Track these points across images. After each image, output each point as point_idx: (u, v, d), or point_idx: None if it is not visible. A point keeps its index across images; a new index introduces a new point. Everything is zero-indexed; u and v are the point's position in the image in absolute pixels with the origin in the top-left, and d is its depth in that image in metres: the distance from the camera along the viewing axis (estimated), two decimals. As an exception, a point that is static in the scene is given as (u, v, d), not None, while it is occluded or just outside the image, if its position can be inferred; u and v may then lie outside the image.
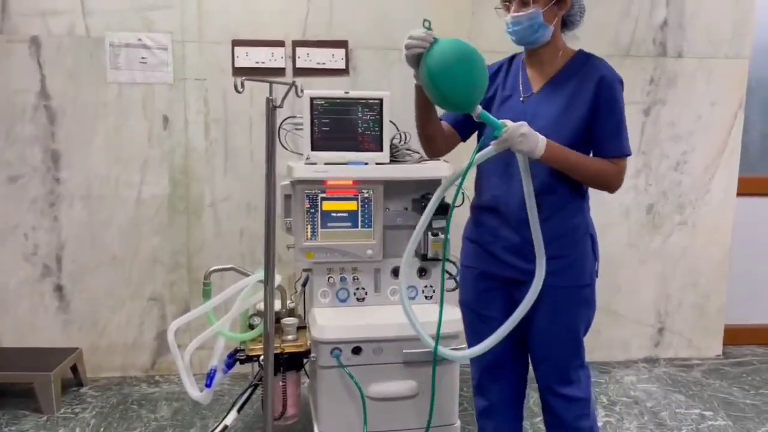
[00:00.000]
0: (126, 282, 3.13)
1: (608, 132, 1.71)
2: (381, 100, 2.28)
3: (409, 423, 2.14)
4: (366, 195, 2.25)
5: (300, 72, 3.06)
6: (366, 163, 2.26)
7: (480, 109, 1.58)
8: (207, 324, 2.25)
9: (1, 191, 3.01)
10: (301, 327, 2.36)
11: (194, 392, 2.27)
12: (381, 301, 2.32)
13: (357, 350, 2.12)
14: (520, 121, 1.59)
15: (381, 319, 2.17)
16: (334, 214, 2.25)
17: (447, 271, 2.25)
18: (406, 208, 2.30)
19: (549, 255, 1.70)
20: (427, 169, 2.27)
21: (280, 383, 2.22)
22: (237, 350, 2.28)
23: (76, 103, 3.00)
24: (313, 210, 2.24)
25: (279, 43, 3.05)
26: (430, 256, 2.22)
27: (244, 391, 2.41)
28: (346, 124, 2.27)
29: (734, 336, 3.67)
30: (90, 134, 3.02)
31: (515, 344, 1.88)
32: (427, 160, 2.38)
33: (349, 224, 2.26)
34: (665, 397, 3.04)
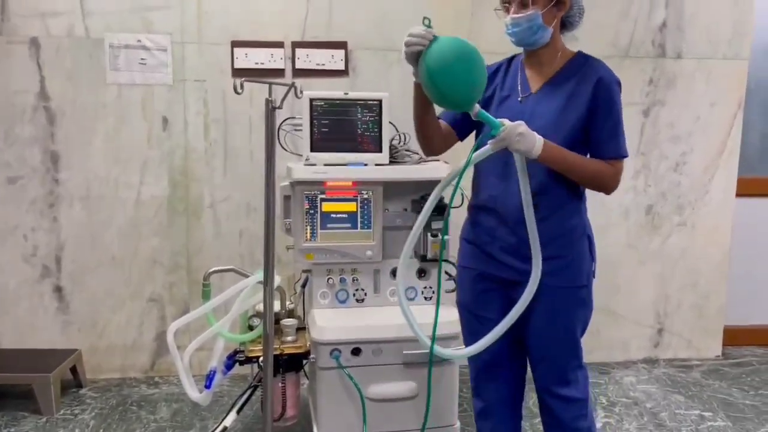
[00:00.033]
0: (125, 283, 3.13)
1: (605, 133, 1.72)
2: (380, 101, 2.29)
3: (409, 424, 2.14)
4: (365, 196, 2.26)
5: (299, 73, 3.06)
6: (365, 164, 2.26)
7: (478, 107, 1.58)
8: (206, 325, 2.24)
9: (0, 192, 3.01)
10: (301, 328, 2.36)
11: (194, 393, 2.27)
12: (380, 302, 2.32)
13: (356, 351, 2.12)
14: (518, 121, 1.60)
15: (380, 320, 2.17)
16: (333, 215, 2.25)
17: (446, 272, 2.26)
18: (406, 209, 2.31)
19: (546, 255, 1.70)
20: (426, 170, 2.27)
21: (280, 384, 2.22)
22: (236, 351, 2.28)
23: (76, 104, 3.00)
24: (312, 211, 2.24)
25: (278, 44, 3.05)
26: (429, 257, 2.22)
27: (244, 392, 2.41)
28: (346, 125, 2.27)
29: (734, 337, 3.67)
30: (89, 135, 3.02)
31: (511, 344, 1.89)
32: (426, 161, 2.39)
33: (349, 225, 2.26)
34: (665, 397, 3.04)
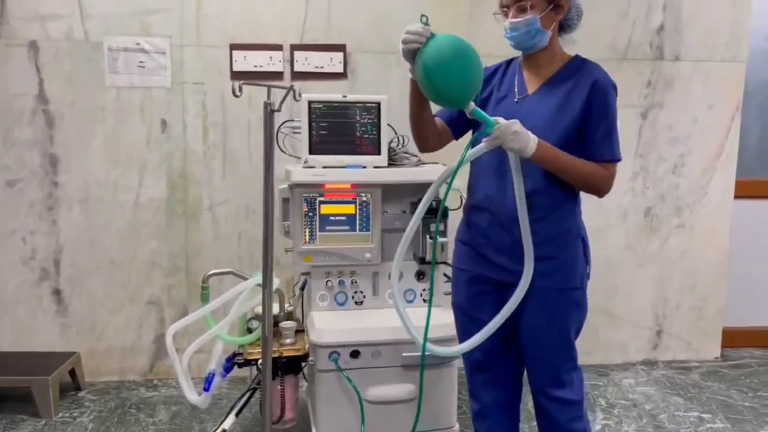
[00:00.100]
0: (124, 286, 3.12)
1: (599, 136, 1.72)
2: (379, 104, 2.30)
3: (408, 426, 2.13)
4: (364, 198, 2.26)
5: (298, 76, 3.06)
6: (364, 167, 2.26)
7: (473, 105, 1.58)
8: (205, 327, 2.24)
9: (-1, 195, 3.02)
10: (300, 330, 2.36)
11: (192, 396, 2.27)
12: (379, 305, 2.32)
13: (355, 354, 2.12)
14: (513, 119, 1.60)
15: (379, 323, 2.17)
16: (332, 218, 2.25)
17: (446, 275, 2.26)
18: (404, 212, 2.31)
19: (540, 256, 1.70)
20: (425, 173, 2.27)
21: (279, 387, 2.22)
22: (235, 354, 2.28)
23: (75, 107, 3.00)
24: (311, 213, 2.24)
25: (277, 47, 3.06)
26: (428, 259, 2.22)
27: (243, 395, 2.41)
28: (344, 128, 2.28)
29: (732, 338, 3.67)
30: (88, 138, 3.02)
31: (503, 343, 1.89)
32: (425, 163, 2.39)
33: (347, 228, 2.26)
34: (664, 399, 3.04)
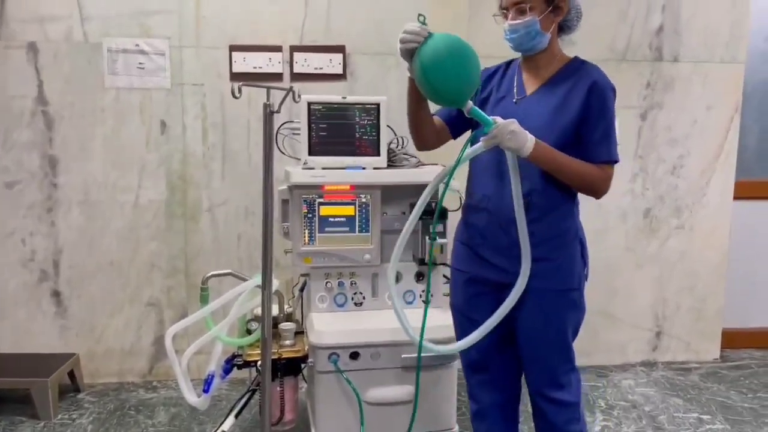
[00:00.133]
0: (123, 287, 3.12)
1: (597, 137, 1.72)
2: (378, 105, 2.30)
3: (407, 428, 2.14)
4: (363, 200, 2.26)
5: (297, 77, 3.06)
6: (363, 168, 2.27)
7: (471, 104, 1.58)
8: (205, 329, 2.24)
9: (-2, 197, 3.01)
10: (299, 332, 2.36)
11: (192, 398, 2.27)
12: (378, 306, 2.32)
13: (355, 355, 2.12)
14: (510, 118, 1.60)
15: (379, 324, 2.17)
16: (331, 219, 2.25)
17: (446, 276, 2.26)
18: (404, 213, 2.31)
19: (537, 257, 1.70)
20: (424, 174, 2.27)
21: (278, 388, 2.22)
22: (235, 355, 2.28)
23: (74, 109, 3.00)
24: (310, 215, 2.24)
25: (276, 48, 3.06)
26: (427, 260, 2.22)
27: (242, 397, 2.41)
28: (344, 129, 2.28)
29: (732, 339, 3.67)
30: (87, 140, 3.02)
31: (499, 344, 1.89)
32: (424, 164, 2.40)
33: (347, 229, 2.26)
34: (663, 401, 3.04)
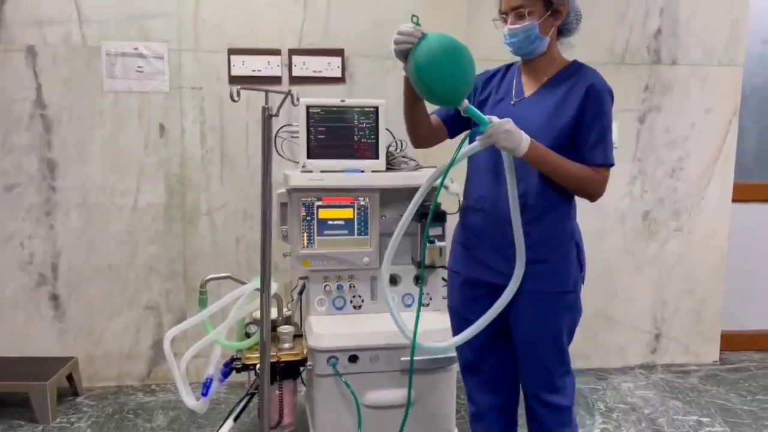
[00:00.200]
0: (122, 290, 3.12)
1: (593, 139, 1.72)
2: (377, 108, 2.30)
3: (406, 431, 2.14)
4: (362, 203, 2.26)
5: (296, 80, 3.07)
6: (362, 171, 2.27)
7: (466, 103, 1.59)
8: (203, 332, 2.24)
9: (-3, 200, 3.01)
10: (298, 335, 2.35)
11: (190, 401, 2.27)
12: (377, 309, 2.32)
13: (353, 358, 2.11)
14: (506, 118, 1.60)
15: (377, 327, 2.17)
16: (330, 222, 2.25)
17: (442, 278, 2.26)
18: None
19: (533, 258, 1.71)
20: (423, 177, 2.25)
21: (277, 392, 2.21)
22: (233, 359, 2.28)
23: (72, 112, 3.00)
24: (309, 218, 2.24)
25: (275, 52, 3.06)
26: (426, 262, 2.22)
27: (241, 400, 2.40)
28: (342, 132, 2.28)
29: (731, 342, 3.67)
30: (86, 143, 3.02)
31: (492, 342, 1.89)
32: (423, 167, 2.40)
33: (346, 232, 2.26)
34: (662, 403, 3.04)
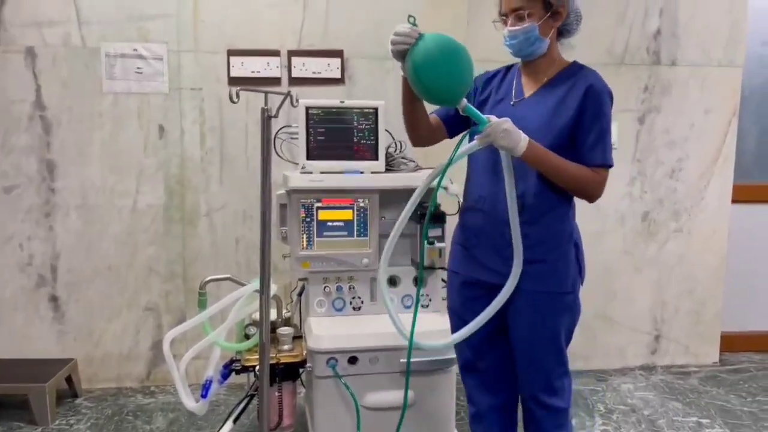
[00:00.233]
0: (121, 292, 3.12)
1: (591, 140, 1.72)
2: (376, 109, 2.29)
3: (406, 432, 2.14)
4: (362, 204, 2.26)
5: (295, 81, 3.07)
6: (362, 172, 2.26)
7: (465, 102, 1.59)
8: (203, 334, 2.24)
9: (-4, 201, 3.01)
10: (297, 337, 2.35)
11: (190, 403, 2.26)
12: (377, 310, 2.31)
13: (353, 360, 2.11)
14: (504, 117, 1.60)
15: (377, 329, 2.16)
16: (329, 223, 2.25)
17: (442, 279, 2.26)
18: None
19: (531, 259, 1.71)
20: (422, 178, 2.24)
21: (276, 393, 2.21)
22: (233, 360, 2.28)
23: (72, 113, 3.00)
24: (308, 219, 2.24)
25: (274, 53, 3.06)
26: (426, 264, 2.22)
27: (240, 402, 2.40)
28: (342, 134, 2.28)
29: (731, 343, 3.67)
30: (85, 144, 3.02)
31: (489, 341, 1.89)
32: (423, 168, 2.39)
33: (345, 233, 2.26)
34: (662, 404, 3.04)
